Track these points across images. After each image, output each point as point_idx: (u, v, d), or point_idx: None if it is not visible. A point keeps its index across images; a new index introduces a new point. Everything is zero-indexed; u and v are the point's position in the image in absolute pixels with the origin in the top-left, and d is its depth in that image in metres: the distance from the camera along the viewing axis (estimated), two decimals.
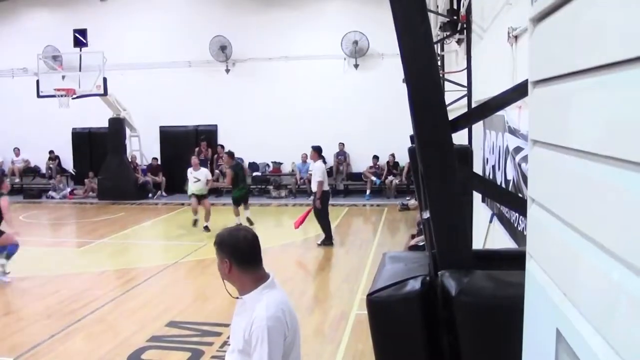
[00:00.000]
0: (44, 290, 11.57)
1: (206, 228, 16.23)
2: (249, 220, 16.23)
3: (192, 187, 16.82)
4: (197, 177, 16.85)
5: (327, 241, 14.51)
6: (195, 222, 16.57)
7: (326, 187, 14.65)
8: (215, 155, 23.39)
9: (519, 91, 2.74)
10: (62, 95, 21.03)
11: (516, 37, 5.81)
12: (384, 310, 2.80)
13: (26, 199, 23.92)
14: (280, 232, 16.97)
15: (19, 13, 25.50)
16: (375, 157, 22.25)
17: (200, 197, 16.74)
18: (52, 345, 8.42)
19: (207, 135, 23.71)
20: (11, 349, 8.24)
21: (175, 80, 23.74)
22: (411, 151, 2.91)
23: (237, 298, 3.52)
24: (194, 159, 17.58)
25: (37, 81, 21.77)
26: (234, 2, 23.49)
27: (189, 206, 17.43)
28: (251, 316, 3.31)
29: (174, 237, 16.34)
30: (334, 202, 15.04)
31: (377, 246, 14.39)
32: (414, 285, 2.73)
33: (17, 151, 25.54)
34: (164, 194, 23.23)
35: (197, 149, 23.20)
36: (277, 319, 3.29)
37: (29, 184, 25.27)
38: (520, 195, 5.07)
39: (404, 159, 21.02)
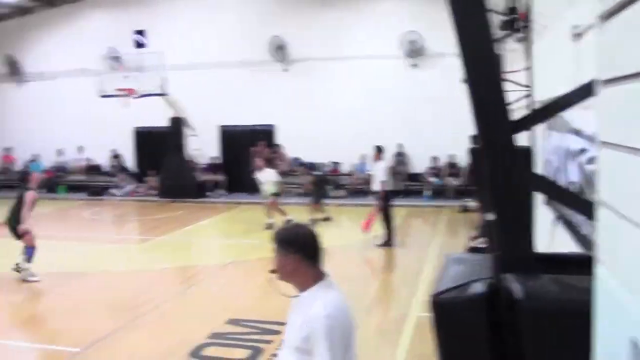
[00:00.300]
0: (107, 285, 11.82)
1: (271, 225, 16.42)
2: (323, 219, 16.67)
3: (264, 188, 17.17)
4: (263, 179, 17.12)
5: (388, 242, 14.43)
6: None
7: (389, 188, 14.57)
8: (274, 155, 23.51)
9: (584, 91, 2.69)
10: (123, 95, 21.41)
11: (579, 35, 5.68)
12: (449, 312, 2.78)
13: (89, 196, 24.44)
14: (339, 232, 16.96)
15: (81, 15, 26.07)
16: (434, 158, 22.07)
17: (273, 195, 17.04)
18: (115, 339, 8.60)
19: (265, 135, 23.82)
20: (77, 340, 8.44)
21: (233, 80, 23.91)
22: (472, 152, 2.88)
23: (294, 297, 3.52)
24: (258, 161, 17.67)
25: (99, 82, 22.21)
26: (291, 2, 23.59)
27: (248, 205, 17.57)
28: (308, 314, 3.30)
29: (234, 235, 16.47)
30: (393, 202, 14.92)
31: (437, 248, 14.25)
32: (479, 287, 2.70)
33: (80, 149, 26.10)
34: (223, 192, 23.43)
35: (255, 149, 23.36)
36: (334, 318, 3.26)
37: (92, 182, 25.79)
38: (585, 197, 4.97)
39: (463, 160, 20.83)
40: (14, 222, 11.76)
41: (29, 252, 11.81)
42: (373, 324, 9.18)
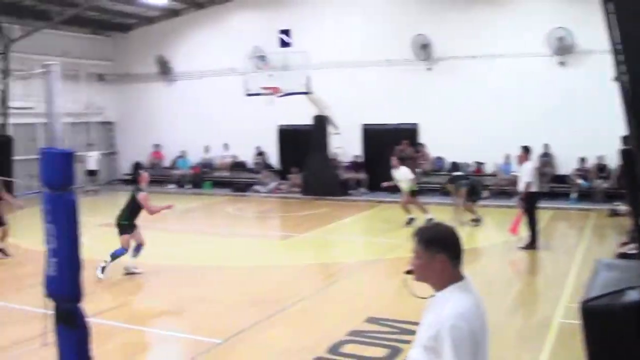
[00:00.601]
0: (249, 279, 12.05)
1: (411, 221, 16.42)
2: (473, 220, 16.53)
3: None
4: (398, 178, 17.05)
5: (531, 245, 13.91)
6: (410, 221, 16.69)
7: (535, 189, 14.04)
8: (416, 154, 23.30)
9: None
10: (268, 94, 21.79)
11: None
12: (600, 319, 2.58)
13: (234, 192, 25.09)
14: (482, 233, 16.56)
15: (228, 16, 26.85)
16: (582, 159, 21.08)
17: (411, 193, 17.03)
18: (256, 332, 8.73)
19: (408, 134, 23.62)
20: (219, 332, 8.64)
21: (377, 79, 23.86)
22: (623, 153, 2.64)
23: (430, 297, 3.44)
24: (393, 160, 17.62)
25: (245, 80, 22.68)
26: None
27: (389, 203, 17.46)
28: (439, 314, 3.24)
29: (375, 234, 16.41)
30: (538, 204, 14.40)
31: (583, 252, 13.62)
32: (633, 295, 2.48)
33: (226, 146, 26.85)
34: (365, 190, 23.42)
35: (398, 148, 23.24)
36: (464, 320, 3.18)
37: (237, 178, 26.46)
38: None
39: (613, 161, 19.78)
40: (123, 220, 11.95)
41: (120, 252, 11.90)
42: (514, 329, 8.86)
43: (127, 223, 11.87)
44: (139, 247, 12.10)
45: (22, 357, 7.84)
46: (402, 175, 17.24)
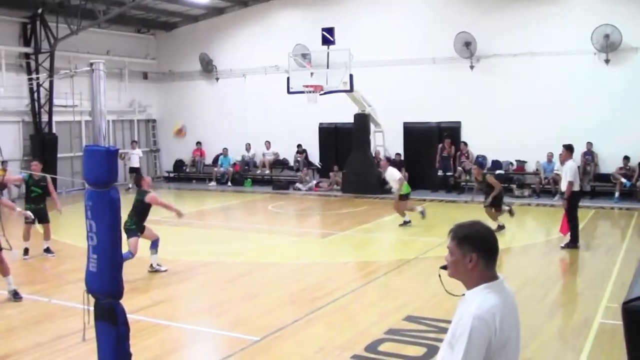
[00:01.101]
0: (289, 277, 12.10)
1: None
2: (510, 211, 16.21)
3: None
4: (387, 179, 17.49)
5: (572, 244, 13.75)
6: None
7: (577, 188, 13.85)
8: (458, 153, 23.15)
9: None
10: (310, 92, 21.81)
11: None
12: None
13: (274, 190, 25.22)
14: (522, 232, 16.39)
15: (271, 14, 27.01)
16: (626, 158, 20.68)
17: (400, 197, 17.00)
18: (295, 329, 8.76)
19: (450, 132, 23.49)
20: (259, 329, 8.69)
21: (419, 77, 23.75)
22: None
23: (462, 295, 3.41)
24: (382, 161, 17.69)
25: (288, 78, 22.75)
26: None
27: (430, 202, 17.33)
28: (463, 313, 3.23)
29: (415, 233, 16.33)
30: (580, 203, 14.21)
31: (626, 252, 13.43)
32: None
33: (267, 144, 26.98)
34: None
35: (440, 146, 23.12)
36: (483, 321, 3.13)
37: (278, 176, 26.57)
38: None
39: None
40: (131, 225, 11.76)
41: (126, 255, 11.72)
42: (554, 329, 8.81)
43: (135, 227, 11.88)
44: (155, 244, 12.17)
45: (63, 352, 7.95)
46: (390, 176, 17.20)
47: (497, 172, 21.79)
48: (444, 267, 3.46)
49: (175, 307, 10.54)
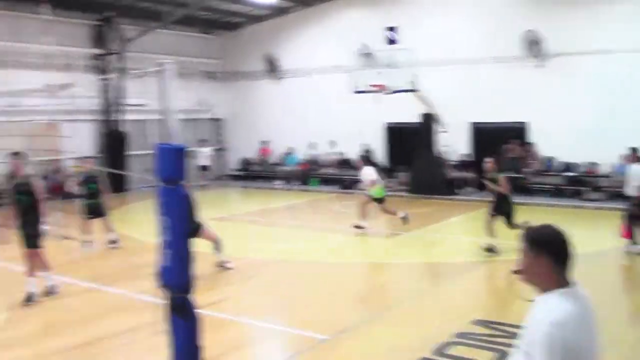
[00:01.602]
0: (356, 276, 12.09)
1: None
2: None
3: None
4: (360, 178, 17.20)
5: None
6: None
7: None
8: (526, 154, 22.73)
9: None
10: (375, 91, 21.69)
11: None
12: None
13: (340, 189, 25.18)
14: (595, 237, 15.99)
15: (335, 13, 27.04)
16: None
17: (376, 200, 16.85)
18: (361, 330, 8.72)
19: (517, 133, 23.08)
20: (325, 328, 8.68)
21: (485, 77, 23.38)
22: None
23: (534, 300, 3.33)
24: (357, 160, 17.45)
25: (352, 78, 22.63)
26: None
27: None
28: (536, 319, 3.17)
29: (483, 235, 16.09)
30: None
31: None
32: None
33: (332, 144, 26.97)
34: (473, 190, 23.02)
35: (506, 147, 22.73)
36: (560, 327, 3.03)
37: (343, 175, 26.55)
38: None
39: None
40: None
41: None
42: (630, 341, 8.42)
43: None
44: (216, 244, 12.25)
45: (134, 343, 8.18)
46: (365, 175, 16.90)
47: (567, 174, 21.28)
48: (517, 272, 3.37)
49: (242, 304, 10.58)
